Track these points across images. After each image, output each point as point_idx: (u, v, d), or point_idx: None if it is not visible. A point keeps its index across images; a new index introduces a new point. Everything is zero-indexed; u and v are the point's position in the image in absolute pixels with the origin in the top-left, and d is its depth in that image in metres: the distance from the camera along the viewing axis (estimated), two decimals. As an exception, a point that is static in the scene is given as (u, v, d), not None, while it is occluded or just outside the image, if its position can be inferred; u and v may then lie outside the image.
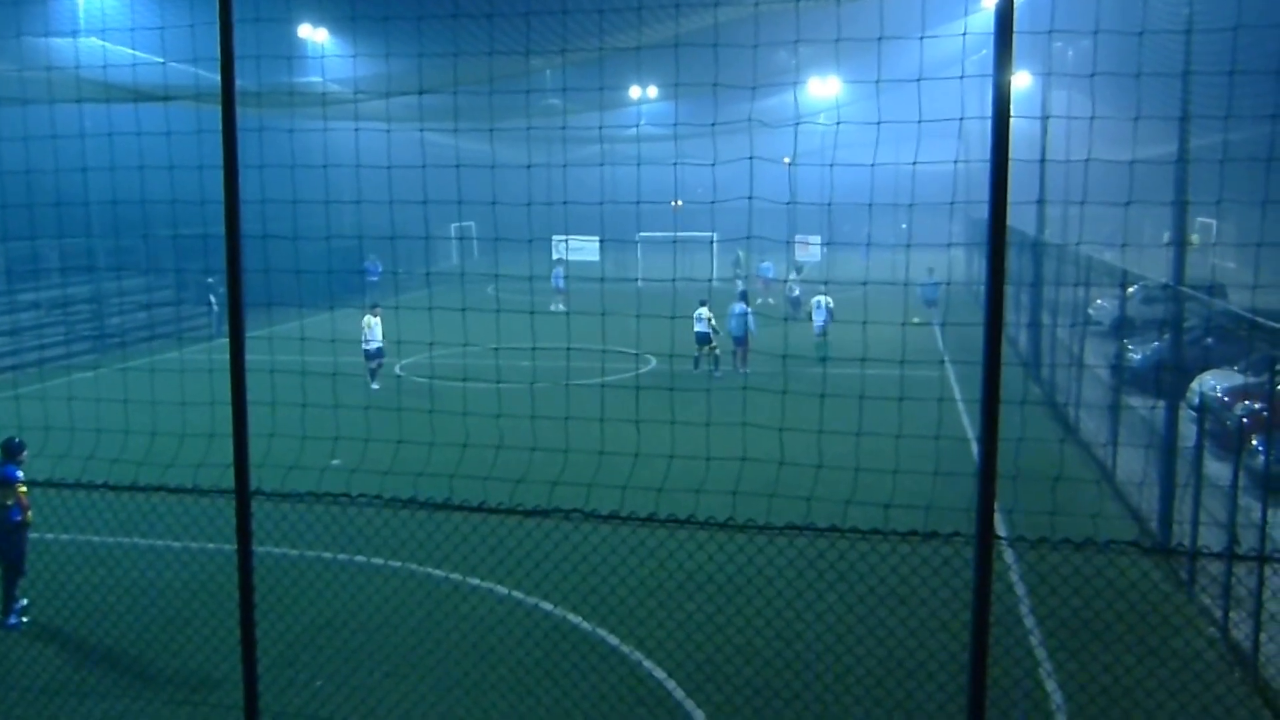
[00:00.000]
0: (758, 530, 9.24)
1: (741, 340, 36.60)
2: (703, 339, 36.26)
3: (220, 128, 7.71)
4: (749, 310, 37.59)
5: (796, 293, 49.90)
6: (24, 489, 16.50)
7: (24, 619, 16.37)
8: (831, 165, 9.43)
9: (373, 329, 34.51)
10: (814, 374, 12.60)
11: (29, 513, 16.52)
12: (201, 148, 10.63)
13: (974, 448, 23.55)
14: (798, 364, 14.50)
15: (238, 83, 7.82)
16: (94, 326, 45.26)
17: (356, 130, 11.99)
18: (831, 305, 40.12)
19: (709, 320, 36.32)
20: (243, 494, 8.37)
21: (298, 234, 12.80)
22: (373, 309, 34.64)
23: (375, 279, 57.42)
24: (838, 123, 9.56)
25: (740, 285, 42.29)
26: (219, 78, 7.80)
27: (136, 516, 15.81)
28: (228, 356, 8.40)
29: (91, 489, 12.14)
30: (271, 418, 12.31)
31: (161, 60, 17.50)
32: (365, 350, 34.60)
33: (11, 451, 16.86)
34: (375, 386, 33.69)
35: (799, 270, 55.21)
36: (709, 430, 12.57)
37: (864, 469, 12.15)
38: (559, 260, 56.31)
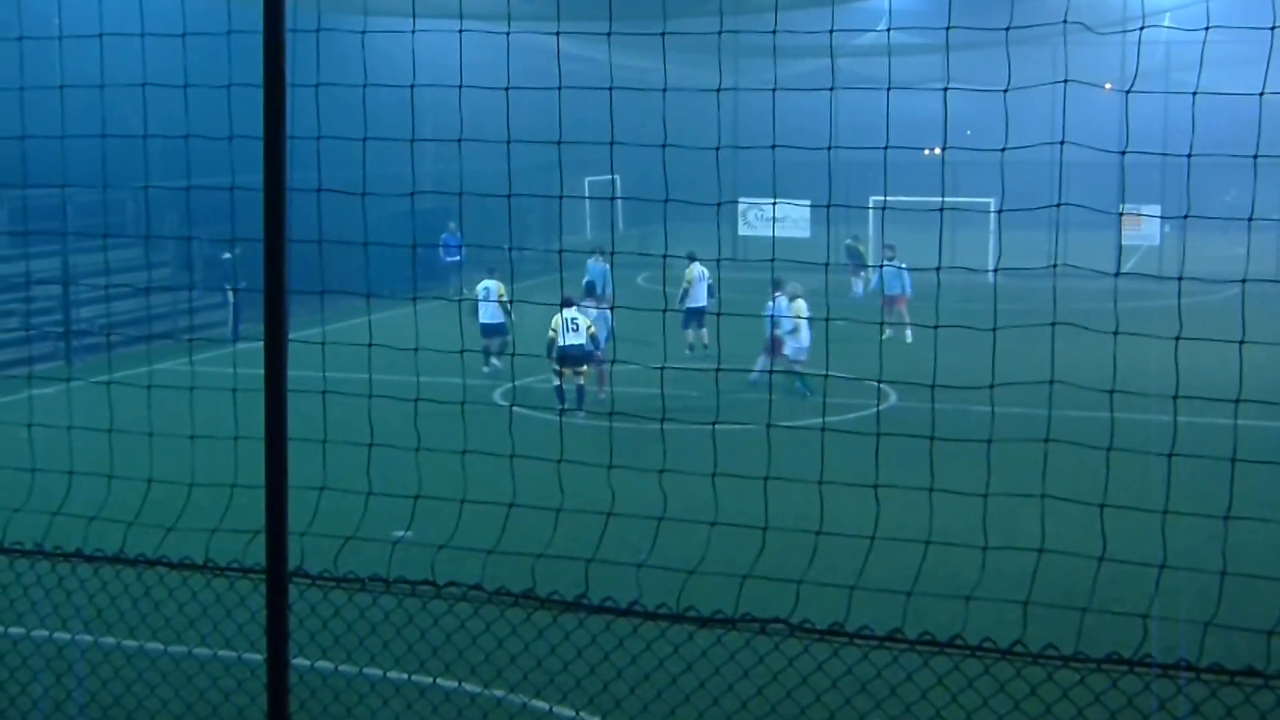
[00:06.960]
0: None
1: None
2: None
3: (262, 26, 7.72)
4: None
5: None
6: None
7: None
8: (1194, 93, 9.03)
9: (489, 292, 40.77)
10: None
11: None
12: (231, 58, 10.69)
13: None
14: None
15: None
16: (60, 320, 45.88)
17: (460, 33, 11.97)
18: None
19: None
20: (277, 575, 8.35)
21: (367, 189, 12.74)
22: (490, 272, 42.17)
23: (457, 258, 56.97)
24: (1205, 28, 9.12)
25: None
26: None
27: (122, 600, 15.93)
28: (260, 370, 8.39)
29: (55, 559, 12.28)
30: (320, 461, 12.33)
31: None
32: (484, 324, 40.57)
33: None
34: (493, 365, 40.32)
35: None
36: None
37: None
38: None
